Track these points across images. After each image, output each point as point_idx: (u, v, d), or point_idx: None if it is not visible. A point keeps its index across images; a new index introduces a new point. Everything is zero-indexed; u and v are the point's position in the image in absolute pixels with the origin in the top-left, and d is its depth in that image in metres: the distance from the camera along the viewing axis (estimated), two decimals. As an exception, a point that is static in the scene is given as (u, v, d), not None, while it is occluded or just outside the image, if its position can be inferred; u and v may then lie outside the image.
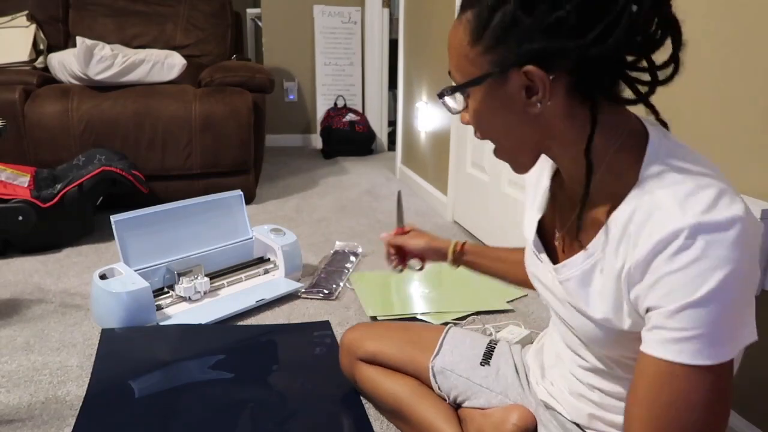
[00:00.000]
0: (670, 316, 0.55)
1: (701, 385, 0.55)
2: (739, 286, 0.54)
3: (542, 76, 0.61)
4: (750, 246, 0.55)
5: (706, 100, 1.08)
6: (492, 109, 0.66)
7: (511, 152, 0.70)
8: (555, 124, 0.65)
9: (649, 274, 0.57)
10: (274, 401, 1.21)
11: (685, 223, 0.54)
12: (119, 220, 1.60)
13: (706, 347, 0.54)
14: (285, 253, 1.79)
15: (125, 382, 1.28)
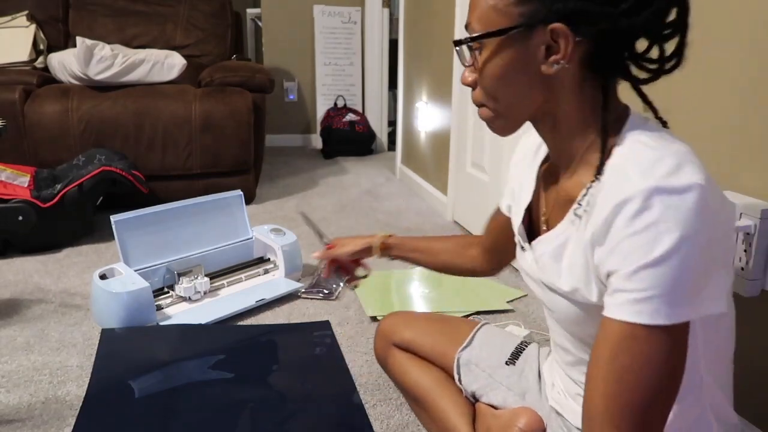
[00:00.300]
0: (628, 278, 0.57)
1: (660, 346, 0.56)
2: (697, 252, 0.55)
3: (568, 36, 0.62)
4: (710, 215, 0.56)
5: (707, 99, 1.08)
6: (507, 62, 0.66)
7: (506, 112, 0.70)
8: (562, 92, 0.66)
9: (609, 237, 0.59)
10: (274, 401, 1.21)
11: (643, 186, 0.56)
12: (119, 220, 1.60)
13: (664, 307, 0.55)
14: (285, 253, 1.79)
15: (125, 382, 1.28)
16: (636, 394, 0.57)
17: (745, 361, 1.03)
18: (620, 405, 0.57)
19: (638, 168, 0.58)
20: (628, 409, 0.57)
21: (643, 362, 0.57)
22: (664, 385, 0.57)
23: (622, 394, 0.57)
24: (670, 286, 0.55)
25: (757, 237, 0.95)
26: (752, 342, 1.02)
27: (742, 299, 1.01)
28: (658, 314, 0.55)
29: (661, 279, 0.55)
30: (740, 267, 0.98)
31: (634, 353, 0.57)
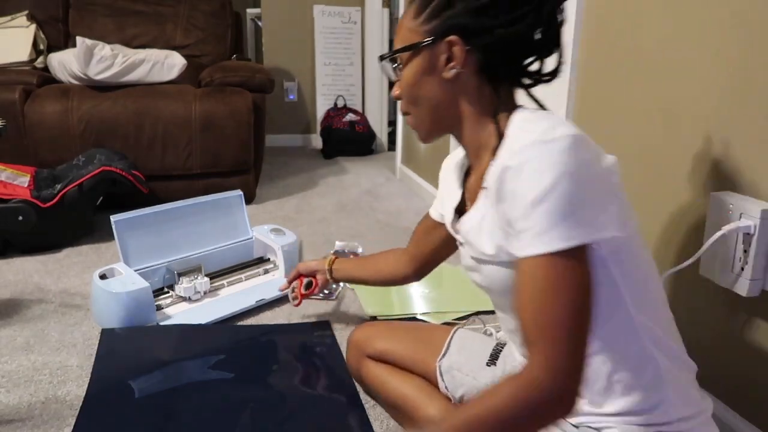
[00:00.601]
0: (524, 218, 0.66)
1: (565, 269, 0.64)
2: (575, 184, 0.63)
3: (459, 45, 0.76)
4: (584, 156, 0.65)
5: (706, 100, 1.08)
6: (417, 72, 0.81)
7: (425, 116, 0.83)
8: (464, 95, 0.80)
9: (505, 191, 0.69)
10: (274, 401, 1.21)
11: (524, 142, 0.67)
12: (119, 220, 1.60)
13: (558, 233, 0.64)
14: (285, 253, 1.79)
15: (125, 382, 1.28)
16: (558, 308, 0.64)
17: (745, 360, 1.03)
18: (548, 319, 0.64)
19: (521, 133, 0.71)
20: (556, 321, 0.64)
21: (557, 283, 0.64)
22: (579, 300, 0.65)
23: (547, 310, 0.64)
24: (560, 216, 0.64)
25: (757, 237, 0.95)
26: (752, 342, 1.02)
27: (742, 299, 1.01)
28: (557, 240, 0.64)
29: (550, 211, 0.64)
30: (740, 267, 0.98)
31: (546, 277, 0.65)
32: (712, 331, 1.09)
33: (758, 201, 0.96)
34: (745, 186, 1.00)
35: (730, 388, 1.06)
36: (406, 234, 2.17)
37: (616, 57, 1.33)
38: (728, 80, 1.03)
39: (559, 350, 0.64)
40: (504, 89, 0.80)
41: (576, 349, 0.64)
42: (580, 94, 1.49)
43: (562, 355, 0.64)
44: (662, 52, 1.19)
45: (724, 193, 1.02)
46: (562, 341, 0.64)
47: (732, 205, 0.98)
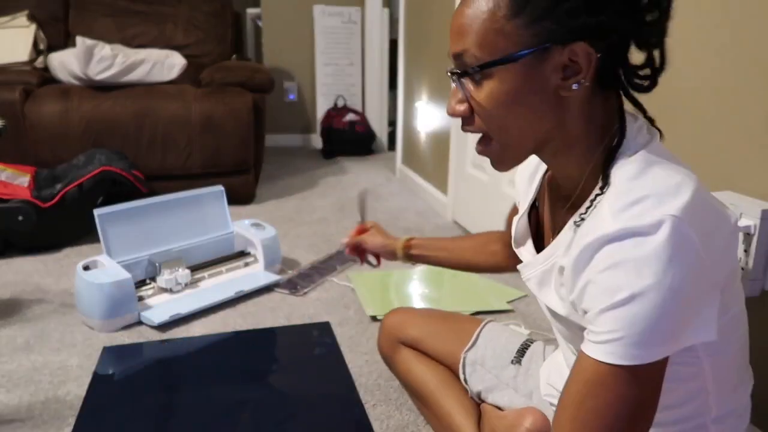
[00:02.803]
0: (595, 318, 0.56)
1: (627, 389, 0.55)
2: (665, 291, 0.53)
3: (590, 53, 0.58)
4: (688, 248, 0.53)
5: (706, 99, 1.08)
6: (519, 90, 0.60)
7: (513, 144, 0.65)
8: (571, 113, 0.62)
9: (580, 278, 0.58)
10: (275, 402, 1.21)
11: (611, 229, 0.55)
12: (102, 213, 1.63)
13: (630, 348, 0.54)
14: (264, 247, 1.83)
15: (126, 382, 1.28)
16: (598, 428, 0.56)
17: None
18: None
19: (611, 208, 0.57)
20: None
21: (610, 407, 0.56)
22: (628, 428, 0.56)
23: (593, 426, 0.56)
24: (637, 328, 0.53)
25: (757, 237, 0.95)
26: (752, 342, 1.02)
27: (742, 299, 1.01)
28: (625, 356, 0.54)
29: (626, 321, 0.54)
30: (740, 267, 0.98)
31: (601, 397, 0.56)
32: (712, 331, 1.09)
33: (758, 201, 0.96)
34: (745, 186, 1.00)
35: (730, 388, 1.06)
36: (406, 234, 2.17)
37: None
38: (728, 80, 1.03)
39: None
40: (613, 101, 0.64)
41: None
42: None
43: None
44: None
45: (724, 193, 1.02)
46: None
47: (732, 205, 0.98)
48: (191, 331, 1.52)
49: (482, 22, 0.59)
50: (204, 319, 1.58)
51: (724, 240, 0.59)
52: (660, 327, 0.53)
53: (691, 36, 1.10)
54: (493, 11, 0.59)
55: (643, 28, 0.61)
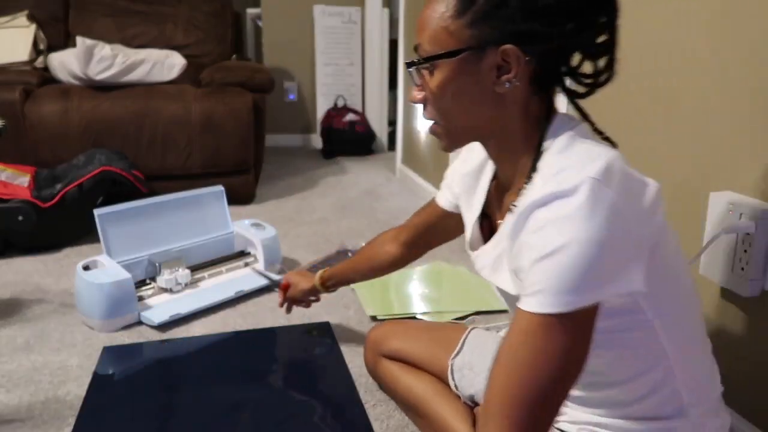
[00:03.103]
0: (526, 275, 0.61)
1: (555, 336, 0.59)
2: (586, 241, 0.58)
3: (518, 56, 0.66)
4: (605, 209, 0.58)
5: (706, 99, 1.08)
6: (460, 82, 0.69)
7: (456, 129, 0.73)
8: (509, 109, 0.70)
9: (516, 243, 0.64)
10: (275, 402, 1.21)
11: (539, 195, 0.61)
12: (102, 213, 1.64)
13: (554, 297, 0.58)
14: (264, 246, 1.83)
15: (126, 382, 1.28)
16: (527, 388, 0.59)
17: (745, 360, 1.03)
18: (513, 396, 0.60)
19: (541, 180, 0.64)
20: (518, 401, 0.60)
21: (540, 353, 0.59)
22: (559, 376, 0.60)
23: (516, 386, 0.60)
24: (561, 277, 0.58)
25: (757, 237, 0.95)
26: (752, 342, 1.02)
27: (742, 299, 1.01)
28: (551, 304, 0.59)
29: (551, 272, 0.58)
30: (740, 267, 0.98)
31: (531, 345, 0.60)
32: (712, 331, 1.09)
33: (758, 201, 0.96)
34: (745, 186, 1.00)
35: (731, 388, 1.06)
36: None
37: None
38: (729, 79, 1.03)
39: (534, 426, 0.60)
40: (549, 98, 0.72)
41: (548, 423, 0.61)
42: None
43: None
44: (663, 52, 1.19)
45: (724, 193, 1.02)
46: (541, 415, 0.60)
47: (732, 205, 0.98)
48: (191, 331, 1.52)
49: (434, 20, 0.68)
50: (204, 319, 1.58)
51: (648, 203, 0.64)
52: (583, 275, 0.58)
53: (691, 36, 1.10)
54: (443, 11, 0.67)
55: (580, 41, 0.67)
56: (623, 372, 0.72)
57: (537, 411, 0.60)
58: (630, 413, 0.75)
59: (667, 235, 0.67)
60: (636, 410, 0.74)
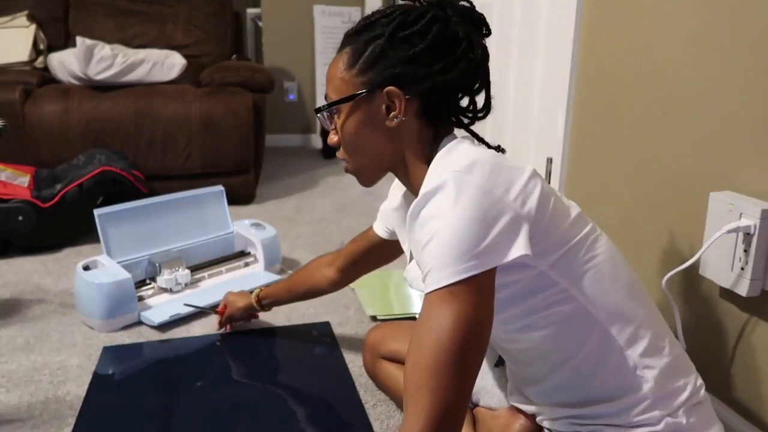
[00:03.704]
0: (419, 263, 0.70)
1: (447, 305, 0.65)
2: (454, 220, 0.66)
3: (399, 95, 0.78)
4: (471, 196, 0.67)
5: (706, 99, 1.08)
6: (359, 122, 0.81)
7: (366, 163, 0.84)
8: (405, 141, 0.81)
9: (411, 244, 0.73)
10: (275, 402, 1.21)
11: (417, 199, 0.71)
12: (102, 213, 1.63)
13: (440, 273, 0.66)
14: (265, 246, 1.83)
15: (126, 382, 1.28)
16: (437, 356, 0.64)
17: (745, 360, 1.03)
18: (426, 367, 0.64)
19: (428, 176, 0.74)
20: (433, 369, 0.64)
21: (439, 324, 0.65)
22: (463, 339, 0.65)
23: (427, 356, 0.64)
24: (442, 254, 0.66)
25: (757, 237, 0.95)
26: (752, 342, 1.02)
27: (742, 299, 1.01)
28: (440, 279, 0.66)
29: (433, 253, 0.67)
30: (740, 267, 0.98)
31: (432, 318, 0.66)
32: (712, 331, 1.09)
33: (758, 201, 0.96)
34: (745, 186, 1.00)
35: (731, 387, 1.06)
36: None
37: (616, 55, 1.33)
38: (729, 79, 1.03)
39: (439, 400, 0.63)
40: (442, 129, 0.83)
41: (456, 395, 0.64)
42: (579, 94, 1.49)
43: (442, 405, 0.63)
44: (663, 52, 1.19)
45: (724, 193, 1.02)
46: (445, 387, 0.63)
47: (732, 205, 0.98)
48: (191, 331, 1.52)
49: (334, 74, 0.82)
50: (204, 320, 1.58)
51: (523, 183, 0.71)
52: (458, 248, 0.65)
53: (691, 36, 1.10)
54: (341, 66, 0.81)
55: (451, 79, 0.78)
56: (568, 347, 0.76)
57: (451, 376, 0.64)
58: (593, 394, 0.77)
59: (556, 210, 0.74)
60: (596, 387, 0.77)
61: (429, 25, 0.77)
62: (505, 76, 1.90)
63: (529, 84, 1.76)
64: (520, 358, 0.84)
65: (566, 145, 1.56)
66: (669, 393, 0.76)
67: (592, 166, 1.46)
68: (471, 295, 0.65)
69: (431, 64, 0.77)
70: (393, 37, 0.77)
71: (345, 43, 0.82)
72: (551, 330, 0.76)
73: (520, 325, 0.76)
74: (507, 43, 1.88)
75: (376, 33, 0.78)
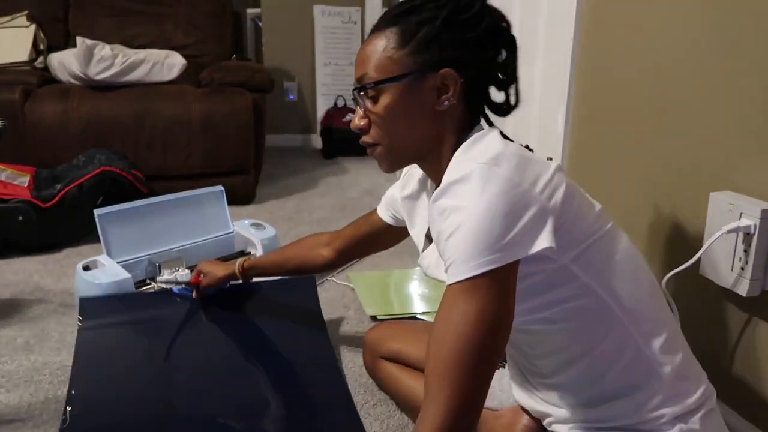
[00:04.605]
0: (441, 251, 0.70)
1: (470, 298, 0.65)
2: (479, 213, 0.65)
3: (455, 77, 0.77)
4: (496, 188, 0.66)
5: (706, 99, 1.08)
6: (405, 103, 0.79)
7: (399, 149, 0.83)
8: (447, 126, 0.81)
9: (434, 232, 0.72)
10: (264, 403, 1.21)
11: (441, 188, 0.70)
12: (102, 213, 1.64)
13: (463, 265, 0.66)
14: (264, 246, 1.83)
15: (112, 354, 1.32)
16: (459, 350, 0.64)
17: (745, 360, 1.03)
18: (448, 360, 0.65)
19: (451, 166, 0.74)
20: (454, 363, 0.64)
21: (462, 317, 0.65)
22: (484, 332, 0.65)
23: (449, 349, 0.65)
24: (465, 246, 0.65)
25: (757, 237, 0.95)
26: (752, 342, 1.02)
27: (742, 299, 1.01)
28: (463, 272, 0.66)
29: (456, 245, 0.66)
30: (740, 267, 0.98)
31: (454, 312, 0.66)
32: (712, 331, 1.09)
33: (758, 201, 0.96)
34: (745, 186, 1.00)
35: (731, 388, 1.06)
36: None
37: (616, 55, 1.33)
38: (729, 79, 1.03)
39: (459, 392, 0.64)
40: (476, 119, 0.83)
41: (475, 388, 0.65)
42: (579, 93, 1.49)
43: (462, 397, 0.64)
44: (663, 52, 1.19)
45: (724, 193, 1.02)
46: (464, 380, 0.64)
47: (732, 205, 0.98)
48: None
49: (377, 53, 0.79)
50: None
51: (548, 177, 0.71)
52: (484, 241, 0.65)
53: (691, 36, 1.10)
54: (386, 44, 0.79)
55: (495, 69, 0.81)
56: (584, 342, 0.76)
57: (473, 368, 0.64)
58: (606, 391, 0.77)
59: (580, 204, 0.74)
60: (610, 383, 0.76)
61: (481, 15, 0.78)
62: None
63: (529, 84, 1.76)
64: (532, 352, 0.83)
65: (566, 145, 1.56)
66: (681, 392, 0.76)
67: (592, 166, 1.46)
68: (494, 288, 0.65)
69: (481, 52, 0.78)
70: (448, 20, 0.77)
71: (389, 23, 0.80)
72: (569, 324, 0.76)
73: (538, 316, 0.76)
74: (507, 43, 1.88)
75: (429, 15, 0.77)
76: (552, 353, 0.80)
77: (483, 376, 0.65)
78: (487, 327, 0.65)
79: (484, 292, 0.65)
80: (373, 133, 0.82)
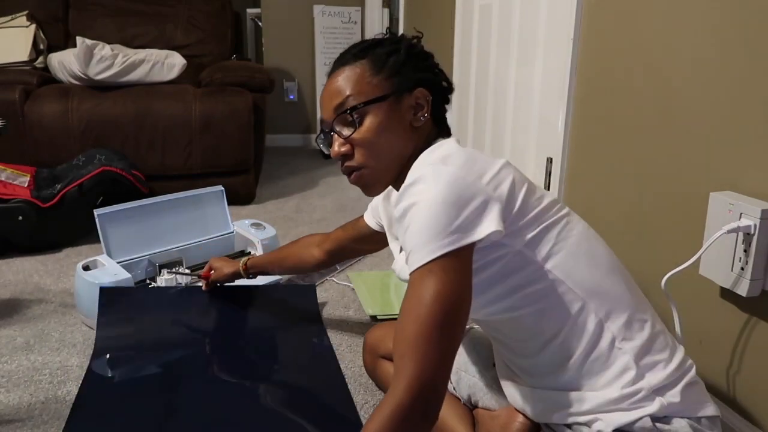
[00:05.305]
0: (404, 247, 0.76)
1: (427, 281, 0.71)
2: (428, 203, 0.72)
3: (427, 95, 0.89)
4: (445, 181, 0.73)
5: (706, 99, 1.08)
6: (388, 122, 0.87)
7: (383, 168, 0.89)
8: (420, 140, 0.90)
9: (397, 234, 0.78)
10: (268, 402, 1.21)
11: (401, 190, 0.77)
12: (102, 213, 1.64)
13: (419, 253, 0.72)
14: (265, 246, 1.83)
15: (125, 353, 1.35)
16: (424, 325, 0.69)
17: (745, 360, 1.03)
18: (414, 335, 0.69)
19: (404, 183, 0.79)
20: (419, 337, 0.69)
21: (420, 299, 0.70)
22: (445, 310, 0.70)
23: (414, 325, 0.70)
24: (418, 235, 0.72)
25: (757, 237, 0.95)
26: (752, 342, 1.02)
27: (742, 299, 1.01)
28: (419, 259, 0.72)
29: (411, 235, 0.73)
30: (740, 267, 0.98)
31: (415, 296, 0.71)
32: (712, 331, 1.09)
33: (758, 201, 0.96)
34: (745, 186, 1.00)
35: (731, 388, 1.06)
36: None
37: (616, 55, 1.33)
38: (729, 79, 1.03)
39: (420, 368, 0.68)
40: (441, 128, 0.93)
41: (437, 363, 0.69)
42: (579, 94, 1.49)
43: (423, 372, 0.67)
44: (663, 52, 1.19)
45: (724, 193, 1.02)
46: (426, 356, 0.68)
47: (732, 205, 0.98)
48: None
49: (355, 80, 0.88)
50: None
51: (495, 171, 0.78)
52: (435, 228, 0.71)
53: (690, 36, 1.10)
54: (361, 72, 0.88)
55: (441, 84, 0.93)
56: (551, 325, 0.80)
57: (435, 343, 0.69)
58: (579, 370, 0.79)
59: (528, 193, 0.80)
60: (581, 362, 0.79)
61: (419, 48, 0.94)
62: (505, 76, 1.89)
63: (529, 84, 1.76)
64: (509, 342, 0.87)
65: (566, 145, 1.56)
66: (654, 366, 0.78)
67: (592, 166, 1.46)
68: (448, 271, 0.71)
69: (437, 72, 0.93)
70: (408, 51, 0.90)
71: (356, 56, 0.89)
72: (533, 308, 0.80)
73: (504, 305, 0.80)
74: (507, 43, 1.88)
75: (392, 48, 0.89)
76: (525, 340, 0.84)
77: (446, 351, 0.70)
78: (442, 306, 0.70)
79: (440, 274, 0.71)
80: (357, 156, 0.88)
